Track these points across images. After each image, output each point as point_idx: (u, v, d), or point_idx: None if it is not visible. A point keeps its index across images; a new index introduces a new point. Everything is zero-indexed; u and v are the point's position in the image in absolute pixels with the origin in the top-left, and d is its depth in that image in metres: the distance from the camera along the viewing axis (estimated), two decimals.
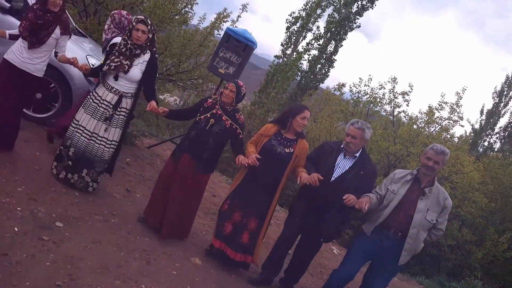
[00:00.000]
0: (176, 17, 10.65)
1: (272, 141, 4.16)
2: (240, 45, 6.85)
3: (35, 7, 4.08)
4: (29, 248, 3.08)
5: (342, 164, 4.08)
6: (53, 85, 5.25)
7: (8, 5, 5.05)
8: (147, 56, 4.27)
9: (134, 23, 4.11)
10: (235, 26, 10.97)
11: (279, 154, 4.11)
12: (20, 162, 4.24)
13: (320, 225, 4.08)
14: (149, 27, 4.15)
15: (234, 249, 4.14)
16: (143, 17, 4.17)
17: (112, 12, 4.96)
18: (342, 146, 4.14)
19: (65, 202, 3.96)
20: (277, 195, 4.23)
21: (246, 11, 11.12)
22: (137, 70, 4.20)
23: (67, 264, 3.11)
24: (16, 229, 3.19)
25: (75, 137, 4.21)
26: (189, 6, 10.98)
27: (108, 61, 4.16)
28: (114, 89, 4.20)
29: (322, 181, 3.92)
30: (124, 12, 4.98)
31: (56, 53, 4.31)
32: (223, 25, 11.26)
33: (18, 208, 3.46)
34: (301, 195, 4.36)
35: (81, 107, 4.28)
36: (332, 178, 4.03)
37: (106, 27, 4.92)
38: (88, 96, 4.30)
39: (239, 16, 11.36)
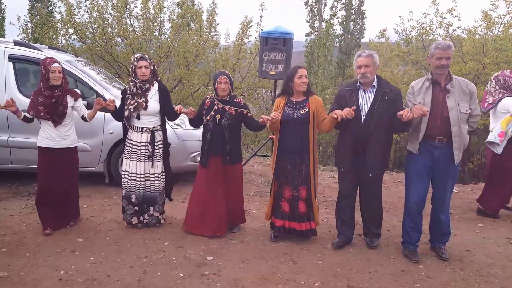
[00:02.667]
0: (204, 44, 11.10)
1: (287, 110, 4.26)
2: (278, 41, 7.09)
3: (42, 89, 4.32)
4: (199, 285, 3.52)
5: (366, 99, 4.08)
6: None
7: (85, 102, 5.72)
8: (156, 86, 4.56)
9: (135, 63, 4.41)
10: (263, 27, 11.24)
11: (297, 118, 4.20)
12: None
13: (366, 163, 4.09)
14: (149, 61, 4.46)
15: (298, 221, 4.34)
16: (140, 55, 4.48)
17: (495, 75, 5.18)
18: (358, 83, 4.11)
19: (203, 239, 4.42)
20: (313, 156, 4.29)
21: (266, 9, 11.31)
22: (153, 102, 4.50)
23: (233, 286, 3.51)
24: (181, 274, 3.66)
25: (131, 185, 4.56)
26: (213, 30, 11.39)
27: (125, 107, 4.46)
28: (144, 128, 4.50)
29: (355, 123, 4.02)
30: (507, 72, 5.17)
31: (82, 116, 4.59)
32: (249, 31, 11.53)
33: (173, 258, 3.96)
34: (340, 144, 4.37)
35: (124, 158, 4.61)
36: (363, 117, 4.05)
37: (491, 89, 5.14)
38: (125, 146, 4.59)
39: (261, 16, 11.58)
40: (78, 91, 4.64)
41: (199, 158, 6.30)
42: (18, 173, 6.21)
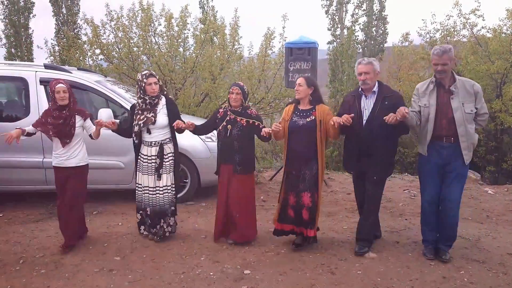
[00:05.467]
0: (228, 58, 11.16)
1: (293, 118, 4.34)
2: (303, 51, 7.11)
3: (51, 109, 4.41)
4: None
5: (367, 105, 4.19)
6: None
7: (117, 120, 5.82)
8: (163, 100, 4.68)
9: (145, 80, 4.50)
10: (286, 38, 11.23)
11: (302, 125, 4.27)
12: (189, 238, 4.83)
13: (371, 167, 4.18)
14: (157, 77, 4.57)
15: (304, 226, 4.37)
16: (149, 72, 4.58)
17: None
18: (359, 89, 4.24)
19: (239, 252, 4.41)
20: (321, 164, 4.30)
21: (288, 19, 11.30)
22: (162, 116, 4.61)
23: None
24: None
25: (144, 198, 4.70)
26: (237, 43, 11.46)
27: (135, 122, 4.56)
28: (153, 142, 4.61)
29: (357, 128, 4.13)
30: None
31: (90, 135, 4.60)
32: (272, 42, 11.53)
33: (211, 273, 3.95)
34: (345, 148, 4.49)
35: (137, 171, 4.73)
36: (364, 121, 4.15)
37: None
38: (138, 160, 4.71)
39: (284, 27, 11.57)
40: (87, 111, 4.70)
41: None
42: (53, 194, 6.32)
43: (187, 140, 5.72)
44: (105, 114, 5.13)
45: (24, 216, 5.74)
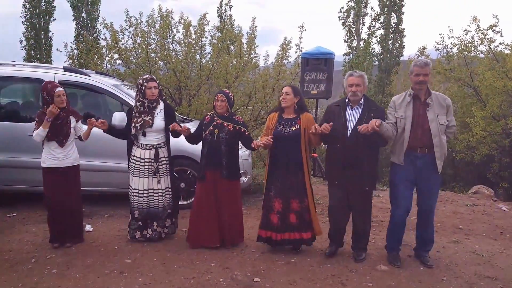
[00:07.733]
0: (244, 66, 11.21)
1: (278, 127, 4.40)
2: (319, 61, 7.14)
3: (46, 112, 4.39)
4: None
5: (353, 116, 4.24)
6: (189, 171, 5.97)
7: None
8: (162, 105, 4.75)
9: (145, 83, 4.58)
10: (302, 48, 11.27)
11: (288, 135, 4.33)
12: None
13: (357, 178, 4.20)
14: (157, 81, 4.63)
15: (284, 231, 4.41)
16: (150, 76, 4.66)
17: None
18: (346, 100, 4.30)
19: (250, 260, 4.40)
20: (306, 171, 4.39)
21: (305, 30, 11.33)
22: (159, 120, 4.67)
23: None
24: None
25: (134, 201, 4.73)
26: (253, 52, 11.51)
27: (132, 125, 4.61)
28: (148, 145, 4.65)
29: (342, 138, 4.18)
30: None
31: (78, 136, 4.70)
32: (289, 53, 11.56)
33: (221, 279, 3.94)
34: (329, 160, 4.46)
35: (129, 174, 4.75)
36: (349, 132, 4.18)
37: None
38: (130, 162, 4.74)
39: (300, 38, 11.61)
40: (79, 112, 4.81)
41: (241, 178, 6.35)
42: None
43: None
44: (119, 117, 5.21)
45: (37, 216, 5.81)
